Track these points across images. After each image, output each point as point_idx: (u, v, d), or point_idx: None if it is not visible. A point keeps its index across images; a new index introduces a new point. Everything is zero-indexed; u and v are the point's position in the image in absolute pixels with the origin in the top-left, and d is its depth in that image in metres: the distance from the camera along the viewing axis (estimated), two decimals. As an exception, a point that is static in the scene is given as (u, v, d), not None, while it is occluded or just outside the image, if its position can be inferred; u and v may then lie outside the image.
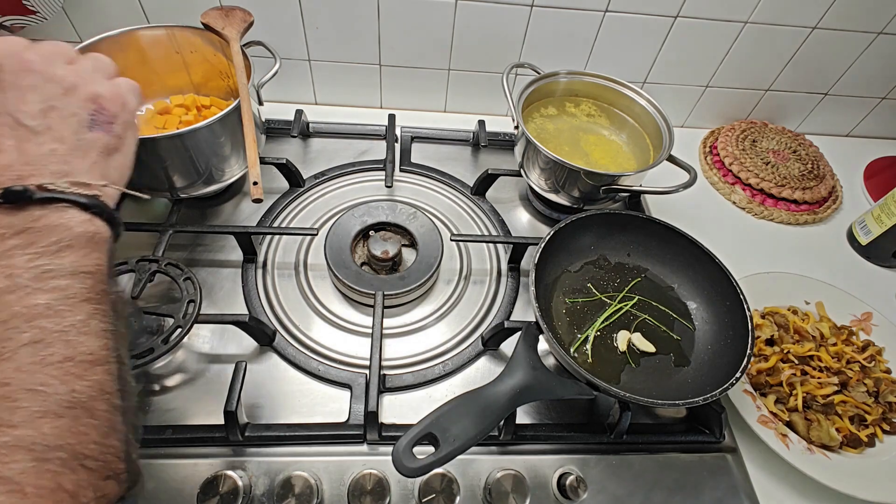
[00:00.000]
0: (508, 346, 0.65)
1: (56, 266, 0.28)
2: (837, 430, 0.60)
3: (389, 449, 0.45)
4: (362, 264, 0.68)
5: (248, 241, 0.67)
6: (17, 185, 0.29)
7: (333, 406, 0.58)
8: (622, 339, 0.62)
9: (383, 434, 0.56)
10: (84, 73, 0.35)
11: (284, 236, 0.71)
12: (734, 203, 0.88)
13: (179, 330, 0.55)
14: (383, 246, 0.67)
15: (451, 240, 0.70)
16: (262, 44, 0.72)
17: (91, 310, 0.29)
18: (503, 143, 0.89)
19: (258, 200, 0.56)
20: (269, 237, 0.71)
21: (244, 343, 0.61)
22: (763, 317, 0.70)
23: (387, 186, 0.77)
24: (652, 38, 0.84)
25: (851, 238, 0.85)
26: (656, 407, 0.62)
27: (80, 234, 0.30)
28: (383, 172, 0.80)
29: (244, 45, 0.68)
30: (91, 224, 0.31)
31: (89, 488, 0.25)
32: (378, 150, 0.84)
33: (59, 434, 0.25)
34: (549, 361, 0.64)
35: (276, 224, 0.73)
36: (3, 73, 0.32)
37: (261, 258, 0.69)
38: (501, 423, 0.55)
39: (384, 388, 0.59)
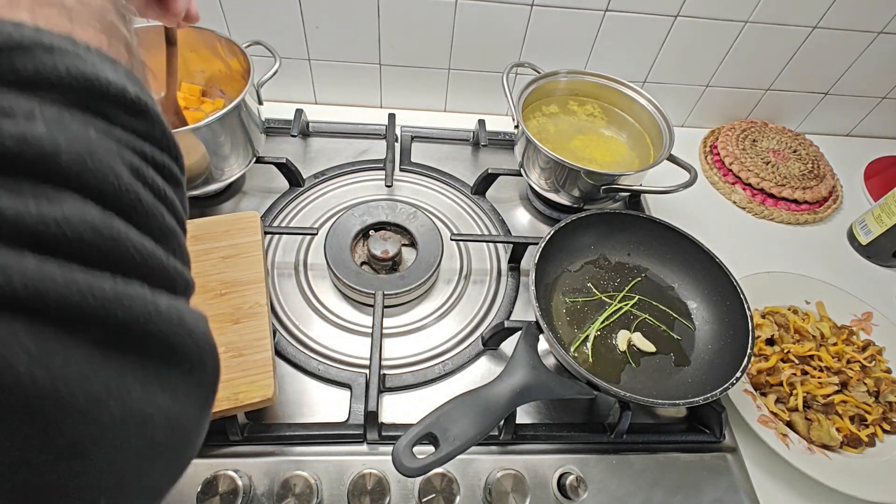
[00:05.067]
0: (508, 345, 0.64)
1: None
2: (838, 429, 0.60)
3: (389, 449, 0.45)
4: (362, 264, 0.68)
5: (247, 241, 0.67)
6: None
7: (333, 406, 0.58)
8: (622, 338, 0.62)
9: (383, 434, 0.56)
10: None
11: (284, 236, 0.71)
12: (734, 203, 0.88)
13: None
14: (383, 245, 0.67)
15: (451, 239, 0.70)
16: (262, 43, 0.72)
17: None
18: (503, 142, 0.89)
19: None
20: (268, 237, 0.71)
21: (244, 343, 0.61)
22: (763, 316, 0.70)
23: (387, 186, 0.77)
24: (652, 38, 0.84)
25: (852, 238, 0.85)
26: (656, 407, 0.62)
27: None
28: (383, 172, 0.80)
29: (245, 45, 0.68)
30: None
31: (15, 5, 0.20)
32: (378, 149, 0.84)
33: None
34: (549, 361, 0.64)
35: (275, 223, 0.73)
36: None
37: (261, 258, 0.69)
38: (501, 422, 0.55)
39: (384, 388, 0.59)
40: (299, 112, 0.83)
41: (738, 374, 0.53)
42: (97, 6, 0.22)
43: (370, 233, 0.70)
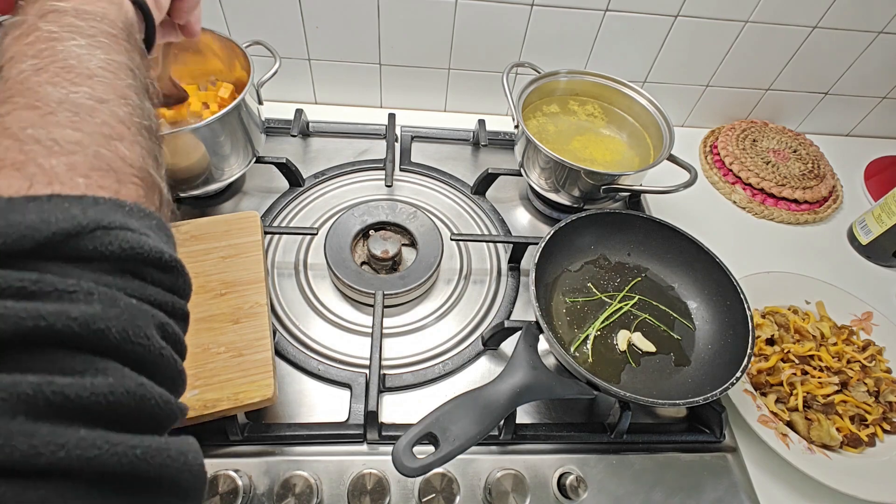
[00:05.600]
0: (508, 345, 0.64)
1: (58, 6, 0.29)
2: (838, 429, 0.60)
3: (389, 449, 0.45)
4: (362, 264, 0.68)
5: (247, 241, 0.67)
6: None
7: (333, 406, 0.58)
8: (622, 338, 0.62)
9: (383, 434, 0.56)
10: None
11: (284, 236, 0.71)
12: (734, 202, 0.88)
13: (179, 329, 0.55)
14: (383, 245, 0.67)
15: (451, 239, 0.70)
16: (262, 43, 0.72)
17: (93, 42, 0.28)
18: (503, 142, 0.89)
19: None
20: (268, 236, 0.71)
21: (244, 343, 0.61)
22: (763, 316, 0.70)
23: (387, 186, 0.77)
24: (652, 38, 0.84)
25: (852, 237, 0.85)
26: (656, 406, 0.62)
27: None
28: (383, 172, 0.80)
29: (245, 45, 0.68)
30: None
31: (72, 172, 0.24)
32: (378, 149, 0.84)
33: (42, 123, 0.24)
34: (550, 361, 0.64)
35: (275, 223, 0.73)
36: None
37: (261, 258, 0.69)
38: (501, 422, 0.55)
39: (384, 388, 0.59)
40: (299, 112, 0.83)
41: (739, 374, 0.53)
42: (139, 159, 0.26)
43: (370, 233, 0.70)
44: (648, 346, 0.62)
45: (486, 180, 0.79)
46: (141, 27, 0.35)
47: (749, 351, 0.55)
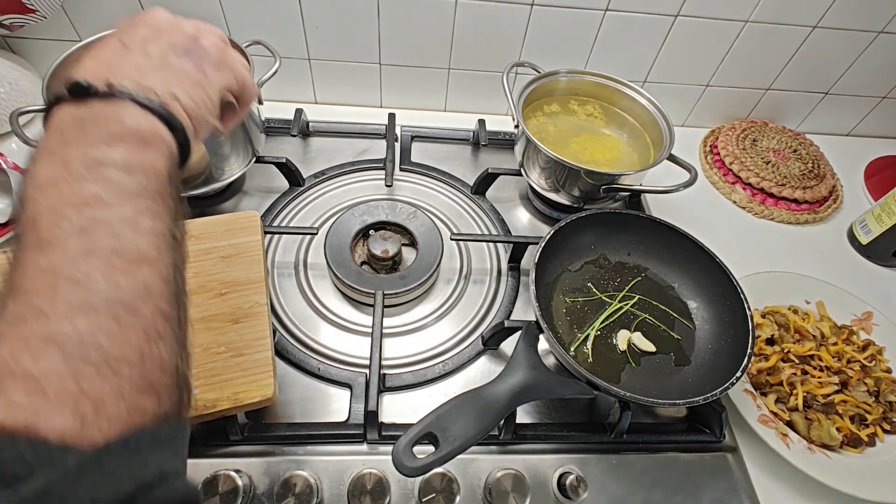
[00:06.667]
0: (508, 345, 0.64)
1: (107, 157, 0.28)
2: (838, 429, 0.60)
3: (389, 448, 0.45)
4: (362, 263, 0.68)
5: (247, 241, 0.67)
6: (85, 79, 0.30)
7: (333, 406, 0.58)
8: (622, 338, 0.62)
9: (383, 433, 0.56)
10: (203, 29, 0.37)
11: (284, 235, 0.71)
12: (734, 202, 0.88)
13: (179, 329, 0.55)
14: (383, 245, 0.67)
15: (451, 239, 0.70)
16: (262, 43, 0.72)
17: (141, 207, 0.28)
18: (503, 142, 0.89)
19: None
20: (268, 236, 0.71)
21: (244, 342, 0.61)
22: (763, 316, 0.70)
23: (387, 185, 0.77)
24: (652, 38, 0.84)
25: (852, 237, 0.85)
26: (656, 406, 0.62)
27: (133, 127, 0.30)
28: (383, 171, 0.80)
29: (245, 45, 0.68)
30: (147, 122, 0.30)
31: (120, 399, 0.23)
32: (378, 149, 0.84)
33: (92, 332, 0.24)
34: (550, 361, 0.64)
35: (275, 223, 0.73)
36: (137, 19, 0.36)
37: (261, 257, 0.69)
38: (501, 422, 0.55)
39: (384, 388, 0.59)
40: (299, 112, 0.83)
41: (739, 374, 0.53)
42: (174, 359, 0.27)
43: (370, 232, 0.70)
44: (648, 346, 0.62)
45: (486, 180, 0.79)
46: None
47: (749, 351, 0.55)
